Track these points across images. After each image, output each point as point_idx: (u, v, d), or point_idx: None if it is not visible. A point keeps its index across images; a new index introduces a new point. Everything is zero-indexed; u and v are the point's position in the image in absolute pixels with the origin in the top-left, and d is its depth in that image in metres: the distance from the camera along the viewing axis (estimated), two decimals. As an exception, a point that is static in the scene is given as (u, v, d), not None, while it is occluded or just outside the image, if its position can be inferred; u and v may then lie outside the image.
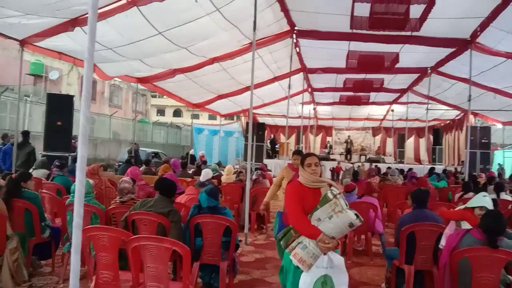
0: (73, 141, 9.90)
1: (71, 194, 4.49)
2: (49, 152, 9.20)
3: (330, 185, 3.09)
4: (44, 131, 9.74)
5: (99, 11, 6.61)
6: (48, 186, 6.43)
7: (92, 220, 4.35)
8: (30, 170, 7.51)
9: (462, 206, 4.32)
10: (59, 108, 9.55)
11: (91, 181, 4.82)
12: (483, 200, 4.10)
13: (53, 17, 6.74)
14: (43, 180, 6.92)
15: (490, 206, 4.06)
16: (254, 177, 8.15)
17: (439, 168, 15.33)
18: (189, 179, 8.51)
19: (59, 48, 8.48)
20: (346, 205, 2.96)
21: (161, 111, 47.20)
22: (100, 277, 3.35)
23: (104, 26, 7.15)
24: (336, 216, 2.87)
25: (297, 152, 5.51)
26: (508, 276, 3.37)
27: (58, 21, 7.03)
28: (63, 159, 8.59)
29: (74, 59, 9.08)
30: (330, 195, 2.96)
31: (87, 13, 3.04)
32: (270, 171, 14.82)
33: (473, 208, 4.05)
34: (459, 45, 10.27)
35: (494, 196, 6.92)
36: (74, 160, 8.36)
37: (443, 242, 3.90)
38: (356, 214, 2.90)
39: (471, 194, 6.53)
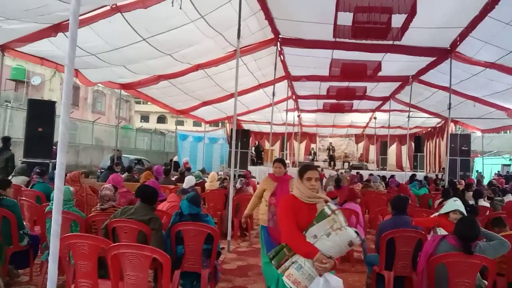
0: (54, 147, 9.76)
1: (51, 202, 4.43)
2: (29, 158, 9.04)
3: (326, 201, 2.88)
4: (25, 137, 9.57)
5: (83, 17, 6.59)
6: (28, 193, 6.32)
7: (72, 228, 4.30)
8: (10, 177, 7.37)
9: (436, 214, 4.40)
10: (41, 114, 9.40)
11: (71, 188, 4.76)
12: (455, 204, 4.19)
13: (35, 22, 6.68)
14: (22, 187, 6.80)
15: (462, 209, 4.15)
16: (238, 185, 8.15)
17: (420, 175, 15.54)
18: (172, 186, 8.45)
19: (42, 54, 8.41)
20: (345, 222, 2.76)
21: (145, 118, 46.86)
22: (79, 285, 3.31)
23: (87, 32, 7.13)
24: (334, 234, 2.66)
25: (279, 160, 5.00)
26: (483, 280, 3.44)
27: (40, 27, 6.98)
28: (44, 166, 8.45)
29: (56, 64, 9.01)
30: (327, 211, 2.75)
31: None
32: (254, 177, 14.82)
33: (447, 213, 4.13)
34: (440, 54, 10.50)
35: (472, 202, 7.07)
36: (55, 167, 8.25)
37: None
38: (356, 232, 2.70)
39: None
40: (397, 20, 7.94)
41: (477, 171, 19.10)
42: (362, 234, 6.23)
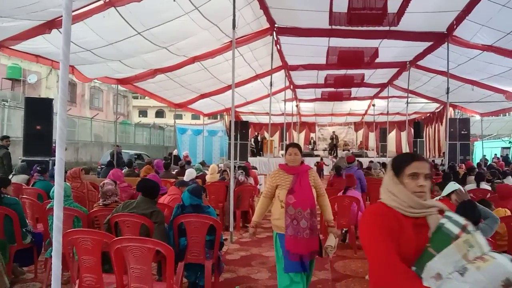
0: (54, 145, 9.76)
1: (52, 199, 4.44)
2: (28, 157, 9.05)
3: (441, 211, 1.81)
4: (23, 136, 9.56)
5: (76, 12, 6.54)
6: (29, 191, 6.33)
7: (75, 224, 4.31)
8: (10, 176, 7.38)
9: (437, 198, 4.41)
10: (38, 112, 9.39)
11: (67, 183, 4.76)
12: (454, 186, 4.20)
13: (29, 19, 6.63)
14: (23, 186, 6.81)
15: (460, 187, 4.18)
16: (241, 178, 8.16)
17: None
18: (172, 180, 8.47)
19: (36, 51, 8.36)
20: (487, 245, 1.66)
21: (143, 112, 46.78)
22: (83, 280, 3.32)
23: (82, 27, 7.07)
24: (474, 269, 1.54)
25: (295, 145, 3.91)
26: None
27: (34, 24, 6.92)
28: (44, 163, 8.45)
29: (52, 61, 8.96)
30: (452, 228, 1.67)
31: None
32: (256, 168, 14.83)
33: (449, 196, 4.14)
34: (436, 39, 10.45)
35: (474, 186, 7.10)
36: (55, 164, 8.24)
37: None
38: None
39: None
40: (393, 5, 7.90)
41: (484, 155, 19.11)
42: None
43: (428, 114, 23.32)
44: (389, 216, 1.78)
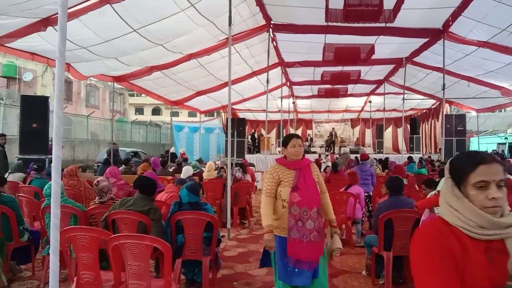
0: (50, 143, 9.73)
1: (46, 197, 4.44)
2: (25, 155, 9.02)
3: None
4: (19, 134, 9.53)
5: (72, 9, 6.51)
6: (26, 189, 6.31)
7: (71, 222, 4.31)
8: (6, 175, 7.36)
9: (433, 192, 4.43)
10: (34, 110, 9.35)
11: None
12: None
13: (24, 17, 6.60)
14: (20, 184, 6.79)
15: None
16: (238, 175, 8.17)
17: (416, 157, 15.66)
18: (169, 177, 8.47)
19: (32, 49, 8.32)
20: None
21: (139, 110, 46.67)
22: (81, 277, 3.33)
23: (77, 24, 7.04)
24: None
25: (297, 136, 3.51)
26: None
27: (29, 21, 6.89)
28: (40, 161, 8.43)
29: (47, 59, 8.92)
30: None
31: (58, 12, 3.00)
32: (253, 165, 14.86)
33: None
34: (432, 35, 10.49)
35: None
36: (52, 162, 8.23)
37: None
38: None
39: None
40: (389, 1, 7.92)
41: (493, 149, 19.22)
42: (359, 215, 6.32)
43: (424, 111, 23.40)
44: (450, 238, 1.30)
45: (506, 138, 23.23)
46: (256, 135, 23.51)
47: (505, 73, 11.49)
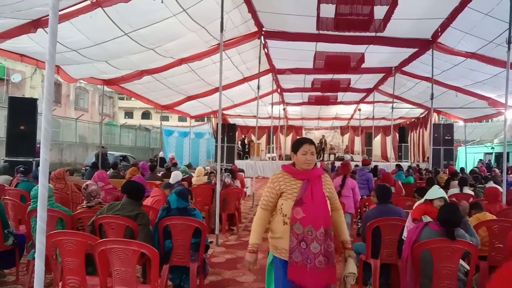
0: (38, 145, 9.62)
1: (32, 200, 4.38)
2: (11, 157, 8.92)
3: None
4: (6, 136, 9.41)
5: (63, 12, 6.48)
6: (12, 192, 6.23)
7: (58, 226, 4.26)
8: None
9: (422, 200, 4.48)
10: (22, 112, 9.26)
11: (50, 185, 4.71)
12: (439, 192, 4.28)
13: (14, 18, 6.54)
14: (6, 187, 6.69)
15: (446, 196, 4.25)
16: (227, 180, 8.15)
17: (405, 165, 15.79)
18: (158, 182, 8.42)
19: (21, 50, 8.24)
20: None
21: (129, 114, 46.40)
22: (66, 282, 3.29)
23: (68, 27, 7.01)
24: None
25: (310, 142, 2.95)
26: (466, 265, 3.53)
27: (19, 22, 6.82)
28: (27, 164, 8.33)
29: (37, 61, 8.83)
30: None
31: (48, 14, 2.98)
32: (243, 171, 14.84)
33: (432, 200, 4.21)
34: (421, 45, 10.62)
35: (457, 190, 7.22)
36: (39, 165, 8.13)
37: (405, 234, 4.04)
38: None
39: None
40: (379, 11, 8.00)
41: (480, 159, 19.43)
42: (351, 209, 6.48)
43: (412, 119, 23.65)
44: None
45: (492, 148, 23.56)
46: (246, 141, 23.53)
47: (492, 84, 11.67)
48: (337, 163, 18.61)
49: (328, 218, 2.84)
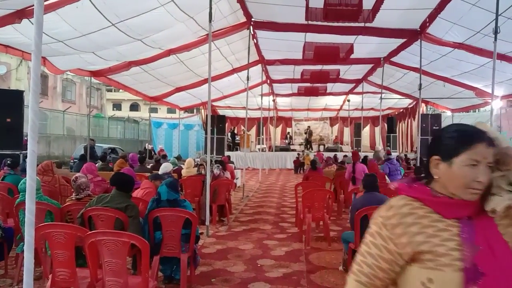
0: (25, 138, 9.49)
1: (20, 193, 4.33)
2: (-3, 150, 8.77)
3: None
4: (-8, 128, 9.25)
5: (48, 2, 6.36)
6: (-1, 185, 6.16)
7: (47, 218, 4.23)
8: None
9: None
10: (8, 104, 9.08)
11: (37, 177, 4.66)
12: None
13: (-3, 8, 6.41)
14: (-8, 180, 6.61)
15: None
16: (216, 172, 8.16)
17: (393, 155, 15.93)
18: (147, 174, 8.39)
19: (6, 41, 8.08)
20: None
21: (117, 106, 45.97)
22: (56, 275, 3.28)
23: (54, 17, 6.88)
24: None
25: (484, 138, 1.23)
26: None
27: (3, 13, 6.68)
28: (14, 157, 8.22)
29: (22, 52, 8.67)
30: None
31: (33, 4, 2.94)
32: (233, 163, 14.86)
33: None
34: (410, 36, 10.66)
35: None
36: (26, 158, 8.02)
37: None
38: None
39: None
40: (368, 2, 8.01)
41: None
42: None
43: (401, 110, 23.84)
44: None
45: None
46: (236, 132, 23.50)
47: (479, 74, 11.78)
48: (326, 154, 18.78)
49: None
